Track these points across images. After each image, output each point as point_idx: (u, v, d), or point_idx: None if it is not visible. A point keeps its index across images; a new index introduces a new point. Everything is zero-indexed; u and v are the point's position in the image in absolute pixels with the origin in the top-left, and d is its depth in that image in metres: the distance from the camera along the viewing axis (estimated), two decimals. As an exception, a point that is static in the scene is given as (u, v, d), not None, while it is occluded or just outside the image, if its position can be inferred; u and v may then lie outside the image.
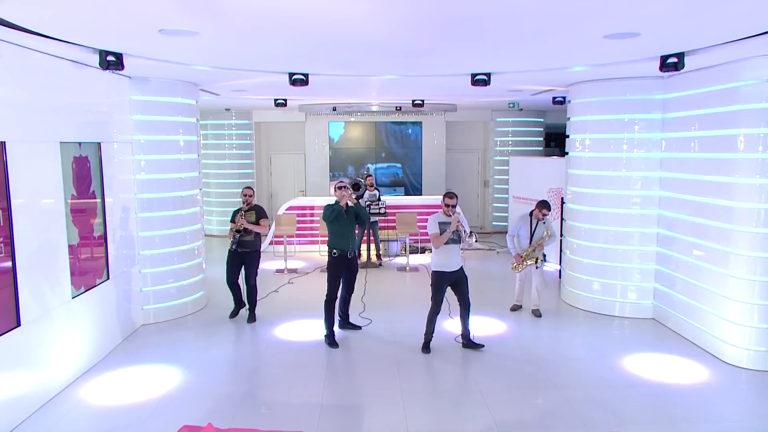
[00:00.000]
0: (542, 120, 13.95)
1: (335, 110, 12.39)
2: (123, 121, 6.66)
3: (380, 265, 10.41)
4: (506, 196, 13.12)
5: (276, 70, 6.53)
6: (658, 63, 5.42)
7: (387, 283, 9.14)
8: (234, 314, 7.20)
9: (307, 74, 6.70)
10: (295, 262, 10.65)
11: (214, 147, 13.40)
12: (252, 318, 7.06)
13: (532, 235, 7.06)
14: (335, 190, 6.21)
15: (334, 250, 6.21)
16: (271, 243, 11.53)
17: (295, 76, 6.70)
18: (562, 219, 8.71)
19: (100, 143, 6.05)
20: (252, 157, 13.71)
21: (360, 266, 9.47)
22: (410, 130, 14.26)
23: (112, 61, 5.15)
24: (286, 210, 11.41)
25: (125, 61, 5.31)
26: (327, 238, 6.34)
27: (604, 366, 5.75)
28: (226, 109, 12.82)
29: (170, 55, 5.46)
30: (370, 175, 10.82)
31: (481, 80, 6.84)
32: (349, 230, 6.20)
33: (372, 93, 9.52)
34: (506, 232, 12.51)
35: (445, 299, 6.01)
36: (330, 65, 6.22)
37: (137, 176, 6.91)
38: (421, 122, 14.17)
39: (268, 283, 8.94)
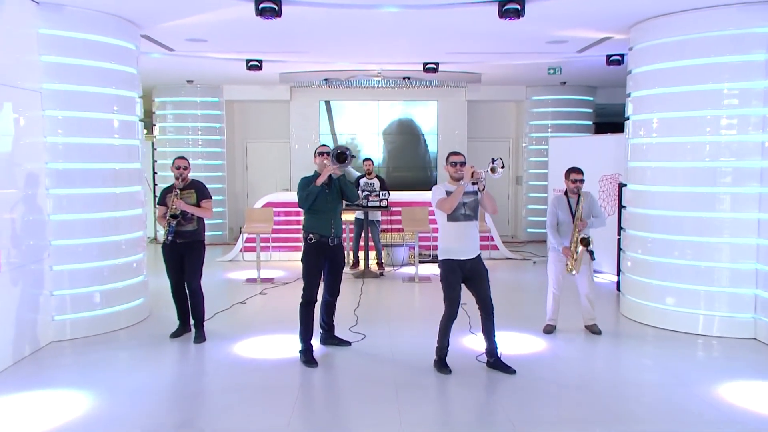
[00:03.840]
0: (591, 99, 13.45)
1: (327, 82, 11.95)
2: (27, 61, 6.04)
3: (381, 274, 9.88)
4: (544, 195, 12.50)
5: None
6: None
7: (389, 295, 8.76)
8: (177, 334, 6.60)
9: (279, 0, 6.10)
10: (272, 271, 10.06)
11: (174, 132, 12.97)
12: (200, 337, 6.42)
13: (575, 217, 6.50)
14: (315, 156, 5.90)
15: (311, 235, 5.80)
16: (241, 250, 11.02)
17: (263, 4, 6.11)
18: (620, 207, 8.12)
19: (-10, 84, 5.37)
20: (222, 144, 13.30)
21: (355, 276, 9.62)
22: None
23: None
24: (263, 206, 10.79)
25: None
26: (302, 220, 5.97)
27: (689, 395, 5.07)
28: (187, 81, 12.39)
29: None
30: (369, 159, 10.28)
31: (512, 9, 6.27)
32: (331, 209, 5.83)
33: (369, 47, 8.93)
34: (544, 241, 12.06)
35: (463, 309, 5.57)
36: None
37: (49, 138, 6.29)
38: (432, 102, 13.68)
39: (233, 294, 8.56)
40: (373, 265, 10.08)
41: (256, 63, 9.67)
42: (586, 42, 8.47)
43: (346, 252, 10.46)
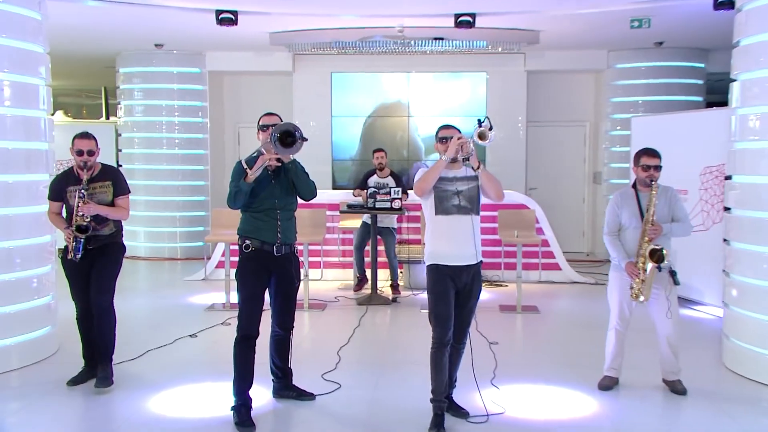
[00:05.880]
0: (702, 66, 12.64)
1: (336, 46, 11.61)
2: None
3: (395, 300, 9.46)
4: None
5: None
6: None
7: (395, 329, 8.57)
8: (79, 380, 6.22)
9: None
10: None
11: (143, 112, 12.89)
12: (104, 379, 6.02)
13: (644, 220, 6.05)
14: (258, 132, 5.62)
15: (247, 241, 5.59)
16: (219, 265, 10.62)
17: None
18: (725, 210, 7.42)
19: None
20: (205, 129, 13.18)
21: (358, 302, 9.26)
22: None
23: None
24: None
25: None
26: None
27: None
28: (156, 46, 12.17)
29: None
30: (381, 150, 9.86)
31: None
32: (278, 205, 5.57)
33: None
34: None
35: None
36: None
37: None
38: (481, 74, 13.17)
39: (187, 324, 8.28)
40: (385, 287, 9.71)
41: (230, 15, 9.27)
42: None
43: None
